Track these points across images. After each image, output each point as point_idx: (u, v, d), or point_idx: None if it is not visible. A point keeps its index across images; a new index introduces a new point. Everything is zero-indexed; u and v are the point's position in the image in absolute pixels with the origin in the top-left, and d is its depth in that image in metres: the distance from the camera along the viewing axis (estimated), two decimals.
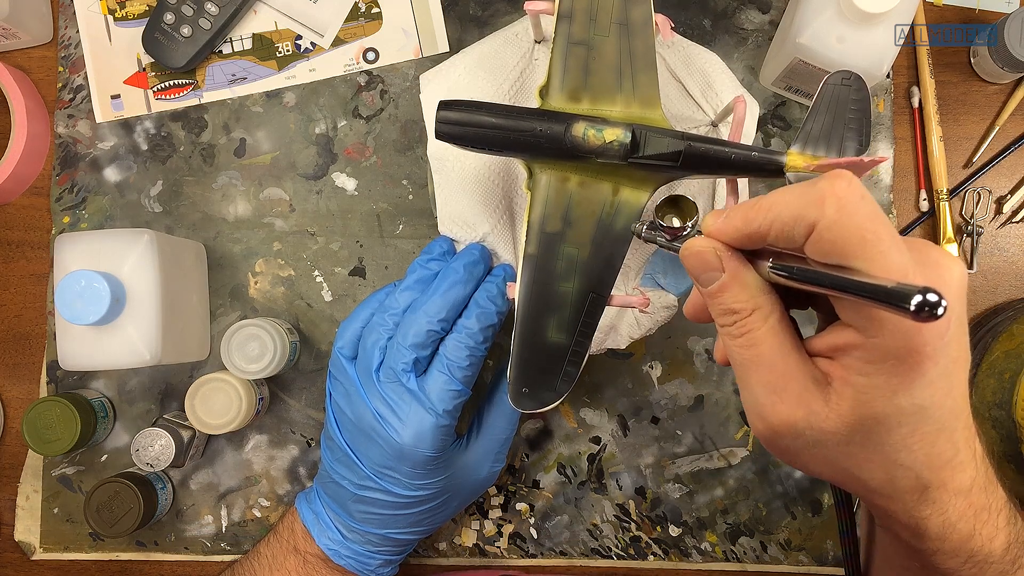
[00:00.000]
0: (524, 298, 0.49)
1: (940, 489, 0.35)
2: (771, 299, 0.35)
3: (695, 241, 0.36)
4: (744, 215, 0.34)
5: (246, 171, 0.68)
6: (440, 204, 0.56)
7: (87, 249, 0.58)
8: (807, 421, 0.34)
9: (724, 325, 0.36)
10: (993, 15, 0.68)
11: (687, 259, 0.36)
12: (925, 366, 0.32)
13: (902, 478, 0.35)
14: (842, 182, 0.31)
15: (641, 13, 0.49)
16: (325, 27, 0.68)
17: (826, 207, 0.31)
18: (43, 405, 0.63)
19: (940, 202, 0.67)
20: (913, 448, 0.34)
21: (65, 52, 0.69)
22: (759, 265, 0.35)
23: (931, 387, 0.32)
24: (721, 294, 0.35)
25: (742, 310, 0.35)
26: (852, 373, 0.33)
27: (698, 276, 0.36)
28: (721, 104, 0.56)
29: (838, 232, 0.31)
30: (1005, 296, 0.68)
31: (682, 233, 0.39)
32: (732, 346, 0.36)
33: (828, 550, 0.67)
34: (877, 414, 0.33)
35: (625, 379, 0.67)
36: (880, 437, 0.33)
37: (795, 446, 0.35)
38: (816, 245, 0.31)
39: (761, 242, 0.34)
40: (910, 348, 0.31)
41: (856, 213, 0.31)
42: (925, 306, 0.27)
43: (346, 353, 0.57)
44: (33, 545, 0.68)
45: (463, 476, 0.58)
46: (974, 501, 0.36)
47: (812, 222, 0.31)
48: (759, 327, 0.35)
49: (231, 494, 0.68)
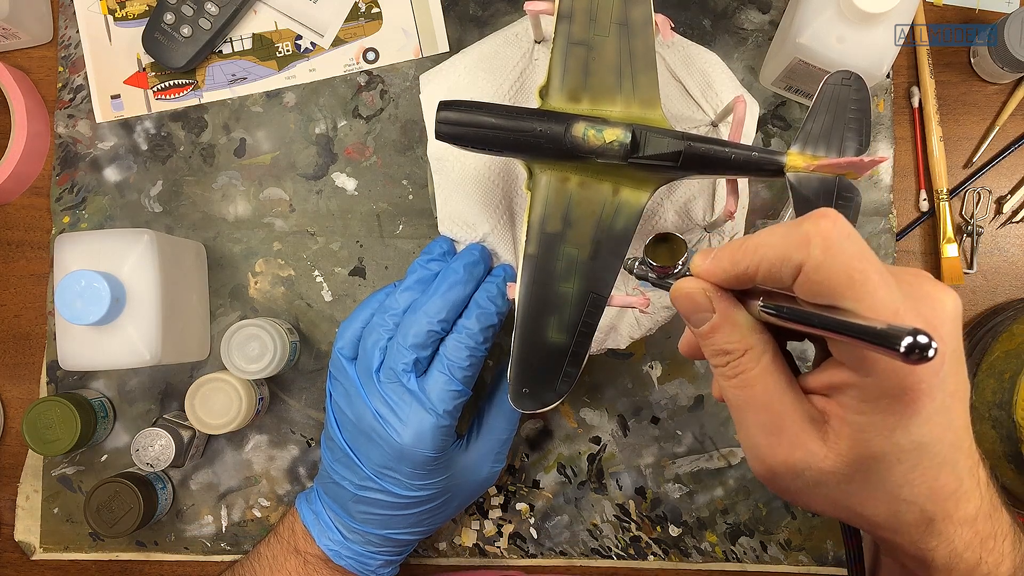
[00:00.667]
0: (524, 298, 0.49)
1: (945, 521, 0.35)
2: (763, 338, 0.35)
3: (684, 283, 0.36)
4: (731, 256, 0.34)
5: (246, 171, 0.68)
6: (440, 204, 0.56)
7: (87, 249, 0.58)
8: (806, 462, 0.34)
9: (717, 366, 0.36)
10: (993, 15, 0.68)
11: (677, 300, 0.36)
12: (921, 403, 0.32)
13: (906, 512, 0.34)
14: (827, 222, 0.31)
15: (641, 13, 0.49)
16: (325, 27, 0.68)
17: (812, 248, 0.31)
18: (43, 405, 0.63)
19: (940, 202, 0.67)
20: (915, 484, 0.34)
21: (65, 52, 0.69)
22: (750, 304, 0.35)
23: (929, 423, 0.32)
24: (713, 335, 0.35)
25: (734, 351, 0.35)
26: (848, 412, 0.33)
27: (688, 317, 0.36)
28: (721, 104, 0.56)
29: (825, 273, 0.30)
30: (1005, 296, 0.68)
31: (672, 271, 0.39)
32: (726, 387, 0.36)
33: (828, 550, 0.67)
34: (876, 452, 0.33)
35: (625, 379, 0.67)
36: (881, 475, 0.33)
37: (796, 486, 0.35)
38: (804, 286, 0.31)
39: (750, 282, 0.34)
40: (904, 387, 0.31)
41: (842, 253, 0.30)
42: (915, 348, 0.26)
43: (346, 353, 0.57)
44: (33, 545, 0.68)
45: (463, 476, 0.58)
46: (980, 530, 0.36)
47: (799, 263, 0.31)
48: (752, 368, 0.35)
49: (231, 494, 0.68)
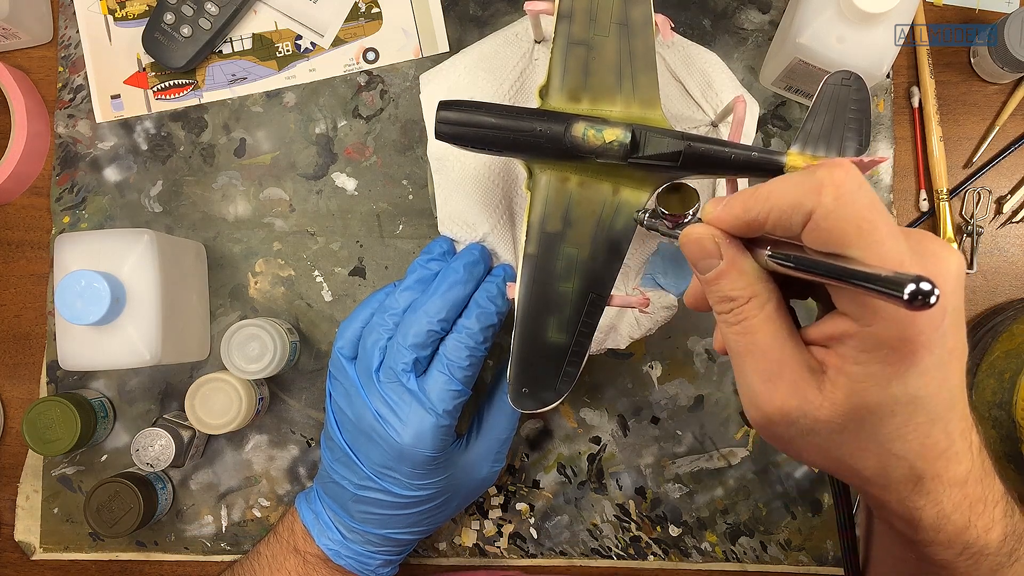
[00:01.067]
0: (524, 298, 0.49)
1: (934, 480, 0.35)
2: (768, 287, 0.35)
3: (694, 228, 0.36)
4: (743, 203, 0.34)
5: (246, 171, 0.68)
6: (440, 204, 0.56)
7: (87, 249, 0.58)
8: (801, 409, 0.34)
9: (721, 312, 0.36)
10: (993, 15, 0.68)
11: (686, 245, 0.36)
12: (919, 355, 0.32)
13: (896, 468, 0.35)
14: (840, 171, 0.31)
15: (641, 13, 0.49)
16: (325, 27, 0.68)
17: (823, 195, 0.31)
18: (43, 405, 0.63)
19: (940, 202, 0.67)
20: (907, 438, 0.34)
21: (65, 52, 0.69)
22: (757, 253, 0.35)
23: (925, 377, 0.33)
24: (718, 281, 0.36)
25: (739, 297, 0.35)
26: (847, 362, 0.33)
27: (696, 263, 0.36)
28: (721, 104, 0.56)
29: (835, 221, 0.31)
30: (1005, 296, 0.68)
31: (683, 220, 0.39)
32: (728, 333, 0.36)
33: (828, 550, 0.67)
34: (871, 403, 0.33)
35: (625, 379, 0.67)
36: (874, 426, 0.34)
37: (789, 434, 0.35)
38: (813, 233, 0.32)
39: (760, 230, 0.34)
40: (905, 337, 0.32)
41: (853, 202, 0.31)
42: (918, 295, 0.27)
43: (346, 353, 0.57)
44: (33, 545, 0.68)
45: (463, 476, 0.58)
46: (969, 492, 0.36)
47: (809, 210, 0.31)
48: (755, 315, 0.35)
49: (231, 494, 0.68)
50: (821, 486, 0.67)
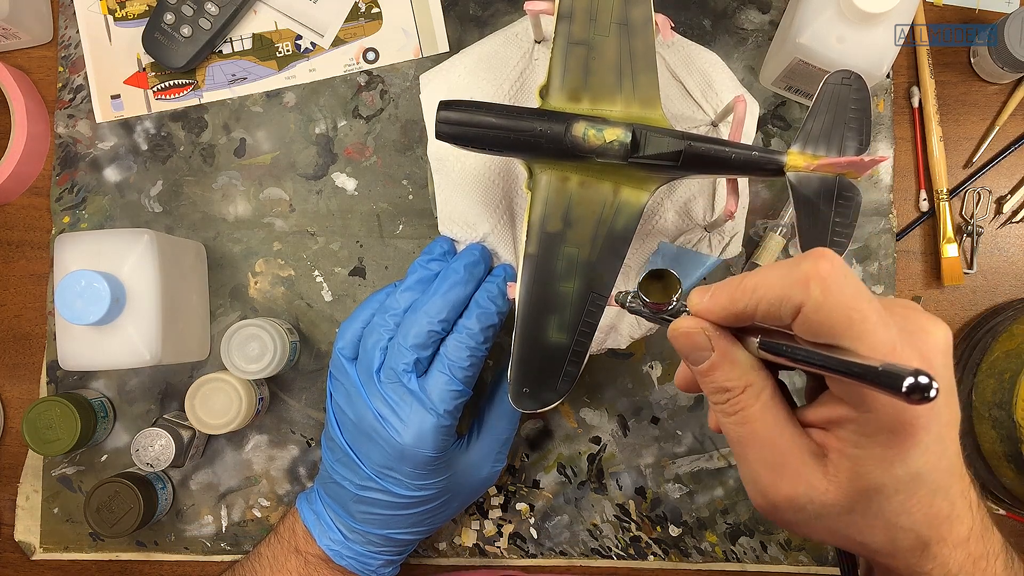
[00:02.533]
0: (524, 298, 0.49)
1: (940, 544, 0.36)
2: (762, 375, 0.35)
3: (682, 322, 0.36)
4: (730, 295, 0.34)
5: (246, 171, 0.68)
6: (440, 204, 0.56)
7: (87, 249, 0.58)
8: (808, 496, 0.34)
9: (717, 403, 0.36)
10: (993, 15, 0.68)
11: (676, 340, 0.37)
12: (918, 436, 0.32)
13: (903, 539, 0.35)
14: (825, 262, 0.31)
15: (641, 13, 0.49)
16: (325, 27, 0.68)
17: (811, 289, 0.31)
18: (43, 405, 0.63)
19: (940, 202, 0.67)
20: (912, 512, 0.34)
21: (65, 52, 0.69)
22: (748, 341, 0.35)
23: (926, 454, 0.33)
24: (712, 373, 0.36)
25: (734, 388, 0.35)
26: (847, 445, 0.33)
27: (687, 355, 0.37)
28: (721, 104, 0.56)
29: (824, 314, 0.31)
30: (1005, 296, 0.68)
31: (667, 307, 0.39)
32: (726, 423, 0.36)
33: (828, 550, 0.67)
34: (875, 484, 0.33)
35: (625, 379, 0.67)
36: (879, 505, 0.34)
37: (797, 519, 0.36)
38: (804, 326, 0.32)
39: (748, 320, 0.35)
40: (902, 422, 0.32)
41: (841, 293, 0.31)
42: (917, 388, 0.27)
43: (347, 354, 0.57)
44: (33, 545, 0.68)
45: (464, 476, 0.58)
46: (972, 550, 0.37)
47: (798, 304, 0.32)
48: (752, 404, 0.35)
49: (231, 494, 0.68)
50: None
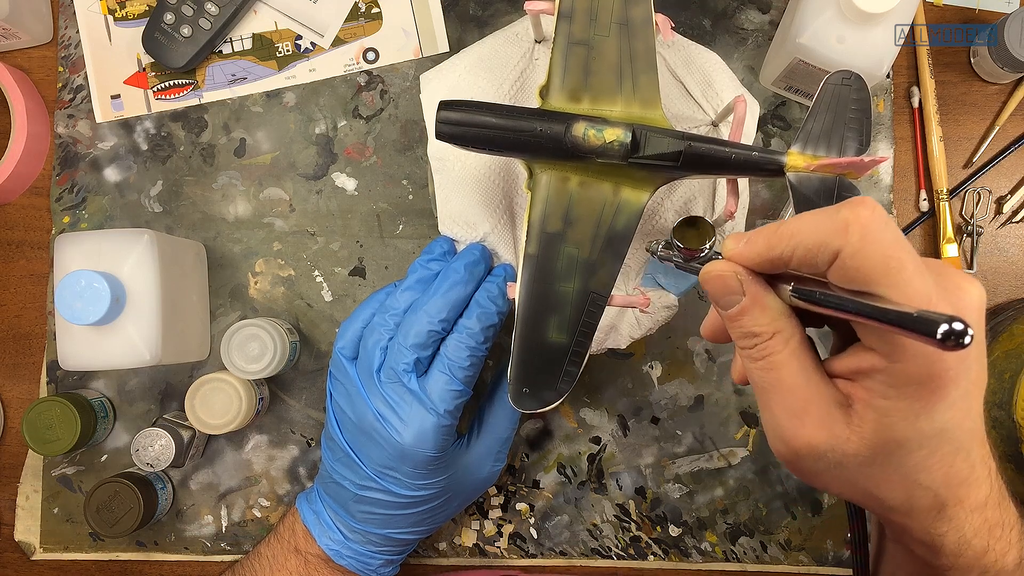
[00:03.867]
0: (524, 298, 0.49)
1: (957, 506, 0.35)
2: (792, 323, 0.35)
3: (716, 264, 0.36)
4: (767, 240, 0.34)
5: (246, 171, 0.68)
6: (440, 204, 0.56)
7: (87, 249, 0.58)
8: (829, 444, 0.34)
9: (744, 348, 0.36)
10: (993, 15, 0.68)
11: (708, 282, 0.36)
12: (947, 389, 0.32)
13: (921, 497, 0.35)
14: (865, 209, 0.31)
15: (641, 13, 0.49)
16: (325, 27, 0.68)
17: (850, 235, 0.31)
18: (43, 405, 0.63)
19: (940, 202, 0.67)
20: (932, 469, 0.34)
21: (65, 52, 0.69)
22: (780, 289, 0.35)
23: (952, 410, 0.33)
24: (741, 317, 0.36)
25: (763, 333, 0.35)
26: (874, 396, 0.33)
27: (718, 299, 0.36)
28: (721, 104, 0.56)
29: (862, 260, 0.31)
30: (1005, 296, 0.68)
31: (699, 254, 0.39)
32: (752, 369, 0.36)
33: (828, 550, 0.67)
34: (899, 437, 0.33)
35: (625, 379, 0.67)
36: (900, 459, 0.34)
37: (816, 468, 0.35)
38: (840, 272, 0.32)
39: (783, 267, 0.34)
40: (933, 373, 0.32)
41: (880, 241, 0.31)
42: (951, 335, 0.27)
43: (347, 353, 0.57)
44: (33, 545, 0.68)
45: (464, 476, 0.58)
46: (988, 517, 0.36)
47: (836, 249, 0.31)
48: (780, 350, 0.35)
49: (231, 494, 0.68)
50: None
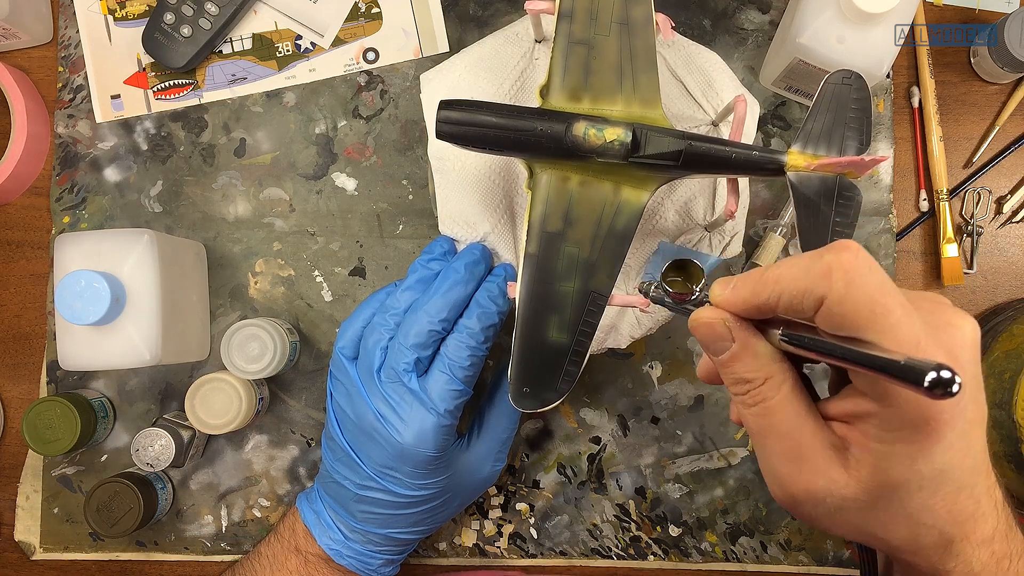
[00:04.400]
0: (525, 298, 0.49)
1: (963, 542, 0.35)
2: (783, 367, 0.35)
3: (704, 312, 0.36)
4: (752, 287, 0.34)
5: (246, 171, 0.68)
6: (441, 204, 0.56)
7: (87, 249, 0.58)
8: (827, 489, 0.34)
9: (737, 394, 0.36)
10: (993, 15, 0.68)
11: (696, 330, 0.36)
12: (942, 432, 0.32)
13: (925, 536, 0.35)
14: (848, 254, 0.31)
15: (642, 12, 0.49)
16: (325, 27, 0.68)
17: (834, 281, 0.31)
18: (43, 405, 0.63)
19: (940, 202, 0.67)
20: (935, 509, 0.34)
21: (65, 52, 0.69)
22: (770, 333, 0.35)
23: (950, 451, 0.32)
24: (733, 364, 0.36)
25: (754, 379, 0.35)
26: (870, 440, 0.33)
27: (708, 346, 0.36)
28: (722, 103, 0.56)
29: (848, 306, 0.31)
30: (1005, 296, 0.68)
31: (689, 297, 0.39)
32: (746, 415, 0.36)
33: (828, 550, 0.67)
34: (897, 480, 0.33)
35: (625, 379, 0.67)
36: (902, 500, 0.34)
37: (816, 513, 0.35)
38: (826, 318, 0.32)
39: (770, 312, 0.34)
40: (926, 417, 0.31)
41: (865, 286, 0.31)
42: (939, 383, 0.26)
43: (347, 353, 0.57)
44: (33, 545, 0.68)
45: (464, 475, 0.58)
46: (996, 550, 0.36)
47: (820, 296, 0.31)
48: (772, 396, 0.35)
49: (231, 494, 0.68)
50: None
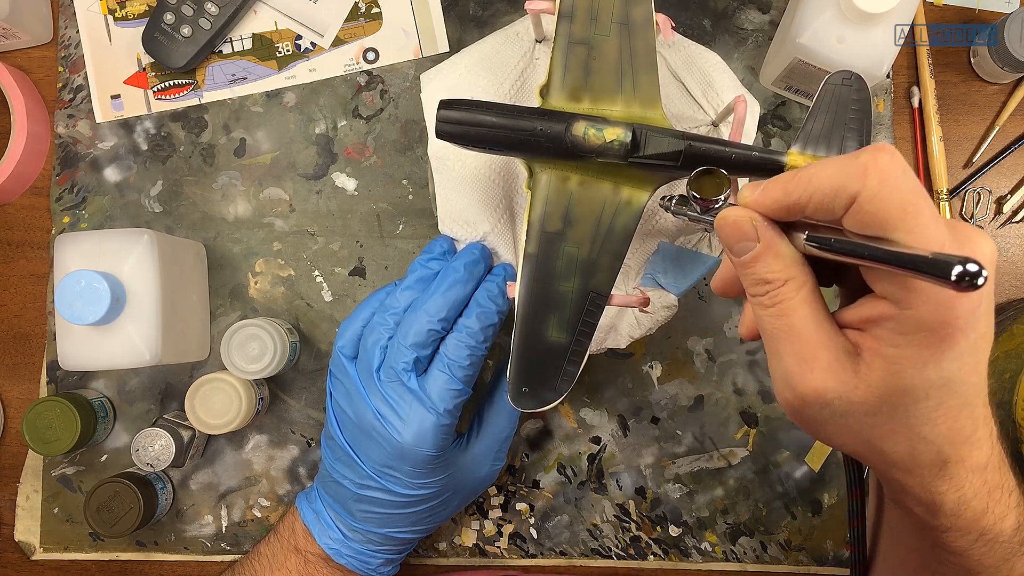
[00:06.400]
0: (524, 297, 0.49)
1: (958, 464, 0.35)
2: (805, 270, 0.35)
3: (731, 211, 0.36)
4: (784, 186, 0.34)
5: (246, 171, 0.68)
6: (440, 203, 0.56)
7: (87, 249, 0.58)
8: (836, 391, 0.34)
9: (756, 295, 0.36)
10: (993, 15, 0.68)
11: (722, 228, 0.36)
12: (956, 338, 0.32)
13: (924, 451, 0.35)
14: (885, 155, 0.32)
15: (642, 12, 0.49)
16: (325, 27, 0.68)
17: (868, 179, 0.31)
18: (43, 405, 0.63)
19: (940, 202, 0.67)
20: (937, 421, 0.34)
21: (65, 52, 0.69)
22: (794, 237, 0.35)
23: (959, 360, 0.33)
24: (755, 264, 0.36)
25: (775, 280, 0.35)
26: (883, 344, 0.33)
27: (732, 245, 0.36)
28: (722, 104, 0.56)
29: (880, 204, 0.31)
30: (1005, 296, 0.68)
31: (714, 205, 0.39)
32: (763, 316, 0.36)
33: (828, 550, 0.67)
34: (905, 385, 0.33)
35: (625, 379, 0.67)
36: (906, 408, 0.34)
37: (822, 416, 0.36)
38: (856, 216, 0.32)
39: (799, 214, 0.35)
40: (943, 320, 0.32)
41: (898, 186, 0.31)
42: (966, 276, 0.27)
43: (347, 352, 0.57)
44: (33, 545, 0.68)
45: (464, 475, 0.58)
46: (988, 479, 0.37)
47: (853, 193, 0.32)
48: (792, 297, 0.35)
49: (231, 494, 0.68)
50: (821, 486, 0.67)
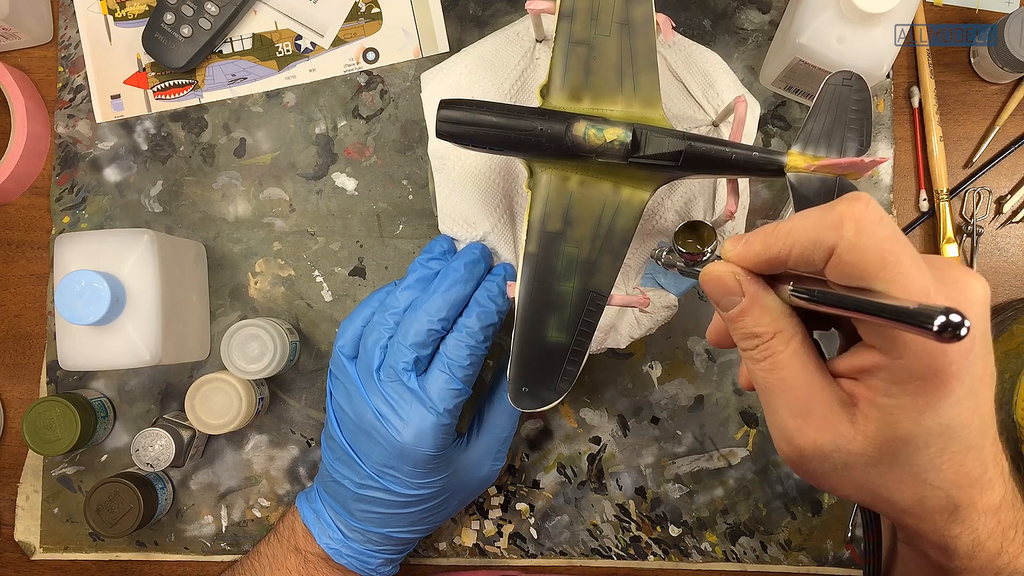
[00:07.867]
0: (524, 297, 0.49)
1: (970, 508, 0.35)
2: (793, 322, 0.35)
3: (714, 266, 0.36)
4: (763, 240, 0.34)
5: (246, 171, 0.68)
6: (441, 203, 0.56)
7: (87, 249, 0.58)
8: (834, 444, 0.34)
9: (746, 349, 0.36)
10: (993, 15, 0.68)
11: (706, 284, 0.36)
12: (951, 385, 0.32)
13: (932, 498, 0.35)
14: (860, 204, 0.31)
15: (642, 13, 0.49)
16: (325, 27, 0.68)
17: (845, 230, 0.31)
18: (43, 405, 0.63)
19: (940, 202, 0.67)
20: (942, 468, 0.34)
21: (65, 52, 0.69)
22: (780, 289, 0.35)
23: (958, 406, 0.32)
24: (742, 318, 0.35)
25: (764, 334, 0.35)
26: (878, 394, 0.33)
27: (718, 300, 0.36)
28: (722, 104, 0.56)
29: (858, 255, 0.31)
30: (1005, 296, 0.68)
31: (701, 258, 0.39)
32: (755, 370, 0.36)
33: (828, 550, 0.67)
34: (904, 435, 0.33)
35: (625, 379, 0.67)
36: (908, 457, 0.33)
37: (823, 469, 0.35)
38: (836, 268, 0.32)
39: (781, 266, 0.34)
40: (935, 368, 0.31)
41: (875, 235, 0.31)
42: (948, 327, 0.27)
43: (347, 352, 0.57)
44: (33, 545, 0.68)
45: (464, 475, 0.58)
46: (1002, 519, 0.36)
47: (831, 245, 0.31)
48: (782, 350, 0.35)
49: (231, 494, 0.68)
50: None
